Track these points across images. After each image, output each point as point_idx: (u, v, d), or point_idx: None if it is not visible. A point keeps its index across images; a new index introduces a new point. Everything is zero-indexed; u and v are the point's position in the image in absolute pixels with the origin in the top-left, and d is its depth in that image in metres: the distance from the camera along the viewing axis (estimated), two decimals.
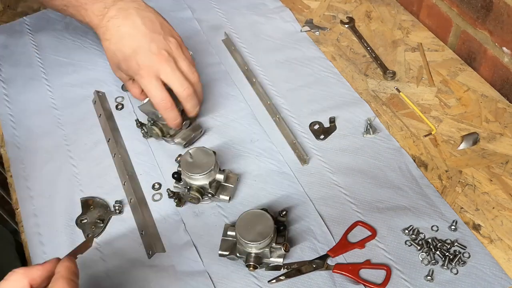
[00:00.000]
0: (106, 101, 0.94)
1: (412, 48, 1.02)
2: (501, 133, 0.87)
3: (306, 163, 0.84)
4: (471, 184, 0.80)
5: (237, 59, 1.01)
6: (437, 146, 0.86)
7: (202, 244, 0.75)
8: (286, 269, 0.72)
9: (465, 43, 1.00)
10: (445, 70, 0.97)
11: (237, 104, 0.93)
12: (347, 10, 1.10)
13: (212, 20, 1.10)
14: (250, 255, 0.69)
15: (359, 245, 0.74)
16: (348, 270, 0.71)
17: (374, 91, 0.94)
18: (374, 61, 0.99)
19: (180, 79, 0.80)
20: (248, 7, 1.12)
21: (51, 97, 0.96)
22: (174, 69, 0.79)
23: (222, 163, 0.84)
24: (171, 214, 0.79)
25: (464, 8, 0.97)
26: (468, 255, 0.72)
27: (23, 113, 0.93)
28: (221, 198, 0.78)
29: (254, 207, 0.76)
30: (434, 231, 0.75)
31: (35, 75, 1.00)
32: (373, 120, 0.88)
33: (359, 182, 0.81)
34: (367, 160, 0.84)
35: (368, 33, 1.05)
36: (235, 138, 0.88)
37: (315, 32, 1.06)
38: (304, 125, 0.89)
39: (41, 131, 0.91)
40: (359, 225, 0.76)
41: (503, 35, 0.91)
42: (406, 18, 1.08)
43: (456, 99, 0.92)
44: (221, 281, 0.71)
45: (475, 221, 0.76)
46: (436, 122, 0.89)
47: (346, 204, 0.79)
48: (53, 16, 1.11)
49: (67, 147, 0.88)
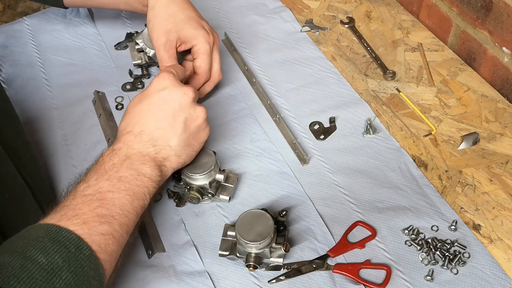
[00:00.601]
0: (106, 101, 0.94)
1: (412, 48, 1.02)
2: (501, 133, 0.87)
3: (306, 163, 0.84)
4: (471, 184, 0.80)
5: (237, 59, 1.01)
6: (437, 146, 0.86)
7: (202, 244, 0.75)
8: (286, 269, 0.72)
9: (465, 43, 1.00)
10: (445, 70, 0.97)
11: (237, 104, 0.93)
12: (347, 10, 1.10)
13: (212, 20, 1.09)
14: (250, 255, 0.69)
15: (359, 245, 0.74)
16: (348, 270, 0.71)
17: (374, 91, 0.94)
18: (374, 61, 0.99)
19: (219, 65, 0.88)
20: (248, 7, 1.12)
21: (51, 97, 0.96)
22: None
23: (222, 163, 0.84)
24: (171, 214, 0.79)
25: (464, 8, 0.97)
26: (468, 255, 0.72)
27: (23, 113, 0.93)
28: (221, 198, 0.78)
29: (254, 207, 0.76)
30: (434, 231, 0.75)
31: (35, 75, 1.00)
32: (373, 120, 0.88)
33: (359, 182, 0.81)
34: (367, 160, 0.84)
35: (368, 33, 1.05)
36: (235, 138, 0.88)
37: (315, 32, 1.06)
38: (304, 125, 0.89)
39: (41, 131, 0.90)
40: (359, 225, 0.76)
41: (503, 35, 0.91)
42: (406, 18, 1.08)
43: (456, 99, 0.92)
44: (221, 281, 0.71)
45: (475, 221, 0.76)
46: (436, 122, 0.89)
47: (346, 204, 0.79)
48: (53, 16, 1.11)
49: (67, 147, 0.88)
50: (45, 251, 0.52)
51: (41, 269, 0.51)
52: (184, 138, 0.70)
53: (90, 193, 0.60)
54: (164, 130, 0.69)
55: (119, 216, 0.60)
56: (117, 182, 0.62)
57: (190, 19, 0.85)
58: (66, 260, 0.53)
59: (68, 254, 0.53)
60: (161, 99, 0.70)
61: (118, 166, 0.64)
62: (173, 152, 0.69)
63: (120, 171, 0.64)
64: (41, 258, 0.51)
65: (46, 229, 0.55)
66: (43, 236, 0.54)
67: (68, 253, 0.53)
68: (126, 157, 0.65)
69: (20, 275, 0.50)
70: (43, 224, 0.57)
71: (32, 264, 0.51)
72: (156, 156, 0.68)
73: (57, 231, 0.55)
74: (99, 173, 0.63)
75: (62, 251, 0.53)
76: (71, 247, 0.54)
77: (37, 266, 0.51)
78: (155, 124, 0.69)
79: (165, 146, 0.69)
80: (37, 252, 0.52)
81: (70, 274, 0.52)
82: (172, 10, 0.84)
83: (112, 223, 0.59)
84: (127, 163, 0.65)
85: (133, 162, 0.65)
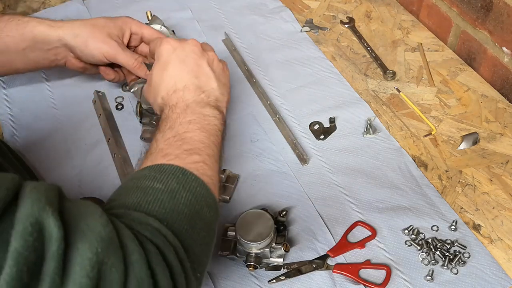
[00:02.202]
0: (106, 101, 0.94)
1: (412, 48, 1.02)
2: (501, 133, 0.87)
3: (306, 163, 0.84)
4: (471, 184, 0.80)
5: (237, 59, 1.01)
6: (437, 146, 0.86)
7: None
8: (286, 269, 0.72)
9: (465, 43, 1.00)
10: (445, 70, 0.97)
11: (237, 104, 0.93)
12: (347, 10, 1.10)
13: (212, 20, 1.10)
14: (250, 255, 0.69)
15: (359, 245, 0.74)
16: (348, 270, 0.71)
17: (374, 91, 0.94)
18: (374, 61, 0.99)
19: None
20: (248, 7, 1.12)
21: (51, 97, 0.96)
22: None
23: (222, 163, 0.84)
24: None
25: (464, 8, 0.97)
26: (468, 255, 0.72)
27: (23, 113, 0.93)
28: (221, 198, 0.78)
29: (254, 207, 0.76)
30: (434, 231, 0.75)
31: (35, 75, 0.99)
32: (373, 120, 0.88)
33: (359, 182, 0.81)
34: (367, 160, 0.84)
35: (368, 33, 1.05)
36: (235, 138, 0.88)
37: (315, 32, 1.06)
38: (304, 125, 0.89)
39: (41, 131, 0.90)
40: (359, 225, 0.76)
41: (503, 35, 0.91)
42: (406, 18, 1.08)
43: (456, 99, 0.92)
44: (221, 281, 0.71)
45: (475, 221, 0.76)
46: (436, 122, 0.89)
47: (346, 204, 0.79)
48: (52, 17, 1.10)
49: (67, 147, 0.88)
50: (159, 180, 0.56)
51: (162, 192, 0.55)
52: (217, 78, 0.75)
53: (170, 137, 0.64)
54: (201, 78, 0.73)
55: (204, 147, 0.64)
56: (189, 125, 0.66)
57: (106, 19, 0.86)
58: (179, 183, 0.56)
59: (178, 179, 0.57)
60: (178, 57, 0.74)
61: (183, 114, 0.68)
62: (219, 92, 0.74)
63: (187, 116, 0.68)
64: (158, 185, 0.55)
65: (148, 169, 0.59)
66: (149, 173, 0.58)
67: (178, 178, 0.57)
68: (186, 106, 0.69)
69: (147, 198, 0.54)
70: (141, 168, 0.60)
71: (152, 190, 0.55)
72: (209, 100, 0.72)
73: (159, 167, 0.58)
74: (170, 123, 0.67)
75: (172, 178, 0.56)
76: (178, 174, 0.57)
77: (157, 191, 0.55)
78: (190, 76, 0.73)
79: (210, 90, 0.73)
80: (152, 182, 0.56)
81: (188, 192, 0.56)
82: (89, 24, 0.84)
83: (200, 154, 0.63)
84: (190, 110, 0.69)
85: (194, 108, 0.69)
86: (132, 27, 0.87)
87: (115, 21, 0.85)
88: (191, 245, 0.53)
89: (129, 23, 0.86)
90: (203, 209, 0.57)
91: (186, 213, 0.54)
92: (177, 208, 0.54)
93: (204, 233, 0.56)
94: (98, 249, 0.42)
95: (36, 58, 0.84)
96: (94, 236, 0.43)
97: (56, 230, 0.40)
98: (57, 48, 0.84)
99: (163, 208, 0.53)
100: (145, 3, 1.09)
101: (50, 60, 0.86)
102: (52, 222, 0.40)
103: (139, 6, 1.10)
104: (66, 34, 0.82)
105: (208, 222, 0.58)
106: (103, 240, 0.43)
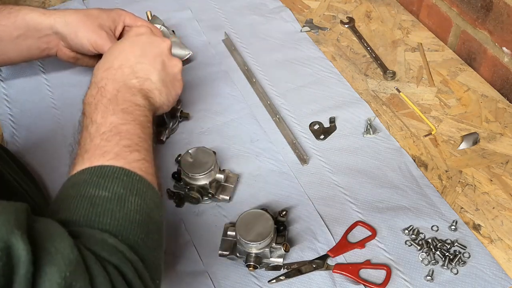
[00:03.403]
0: None
1: (412, 48, 1.02)
2: (501, 133, 0.87)
3: (306, 163, 0.84)
4: (471, 184, 0.80)
5: (237, 59, 1.01)
6: (437, 146, 0.86)
7: (202, 244, 0.75)
8: (286, 269, 0.72)
9: (465, 43, 1.00)
10: (445, 70, 0.97)
11: (237, 104, 0.93)
12: (347, 10, 1.10)
13: (212, 20, 1.09)
14: (250, 255, 0.69)
15: (359, 245, 0.74)
16: (348, 270, 0.71)
17: (374, 91, 0.94)
18: (374, 61, 0.99)
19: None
20: (248, 7, 1.12)
21: (51, 97, 0.96)
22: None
23: (222, 163, 0.84)
24: (171, 214, 0.78)
25: (464, 8, 0.97)
26: (468, 255, 0.72)
27: (23, 113, 0.93)
28: (221, 198, 0.78)
29: (254, 207, 0.76)
30: (434, 231, 0.75)
31: (35, 75, 1.00)
32: (373, 120, 0.88)
33: (359, 182, 0.81)
34: (367, 160, 0.84)
35: (368, 33, 1.05)
36: (235, 138, 0.88)
37: (315, 32, 1.06)
38: (304, 125, 0.89)
39: (41, 131, 0.90)
40: (359, 225, 0.76)
41: (503, 35, 0.91)
42: (406, 18, 1.08)
43: (456, 99, 0.92)
44: (221, 281, 0.71)
45: (475, 221, 0.76)
46: (436, 122, 0.89)
47: (346, 204, 0.79)
48: None
49: (67, 147, 0.88)
50: (103, 187, 0.53)
51: (110, 200, 0.52)
52: (163, 76, 0.72)
53: (105, 131, 0.60)
54: (144, 65, 0.71)
55: (141, 142, 0.61)
56: (123, 114, 0.63)
57: (100, 10, 0.85)
58: (125, 187, 0.54)
59: (123, 182, 0.54)
60: (141, 41, 0.73)
61: (115, 100, 0.64)
62: (155, 86, 0.71)
63: (119, 104, 0.64)
64: (104, 193, 0.52)
65: (88, 173, 0.55)
66: (90, 178, 0.54)
67: (123, 181, 0.54)
68: (117, 91, 0.66)
69: (95, 210, 0.51)
70: (80, 171, 0.56)
71: (99, 200, 0.52)
72: (142, 88, 0.69)
73: (100, 169, 0.55)
74: (101, 110, 0.63)
75: (116, 182, 0.54)
76: (122, 177, 0.54)
77: (104, 199, 0.52)
78: (135, 59, 0.70)
79: (146, 79, 0.70)
80: (96, 190, 0.52)
81: (136, 196, 0.54)
82: (81, 13, 0.83)
83: (139, 150, 0.60)
84: (120, 96, 0.65)
85: (125, 94, 0.66)
86: (126, 20, 0.85)
87: (108, 13, 0.84)
88: (147, 254, 0.52)
89: (123, 16, 0.85)
90: (153, 211, 0.55)
91: (138, 220, 0.52)
92: (129, 216, 0.52)
93: (156, 236, 0.55)
94: (67, 273, 0.42)
95: (29, 47, 0.83)
96: (63, 260, 0.42)
97: (24, 254, 0.39)
98: (49, 36, 0.83)
99: (115, 220, 0.51)
100: (145, 3, 1.09)
101: (42, 49, 0.84)
102: (21, 246, 0.40)
103: (139, 6, 1.09)
104: (57, 22, 0.81)
105: (158, 223, 0.56)
106: (71, 263, 0.42)
